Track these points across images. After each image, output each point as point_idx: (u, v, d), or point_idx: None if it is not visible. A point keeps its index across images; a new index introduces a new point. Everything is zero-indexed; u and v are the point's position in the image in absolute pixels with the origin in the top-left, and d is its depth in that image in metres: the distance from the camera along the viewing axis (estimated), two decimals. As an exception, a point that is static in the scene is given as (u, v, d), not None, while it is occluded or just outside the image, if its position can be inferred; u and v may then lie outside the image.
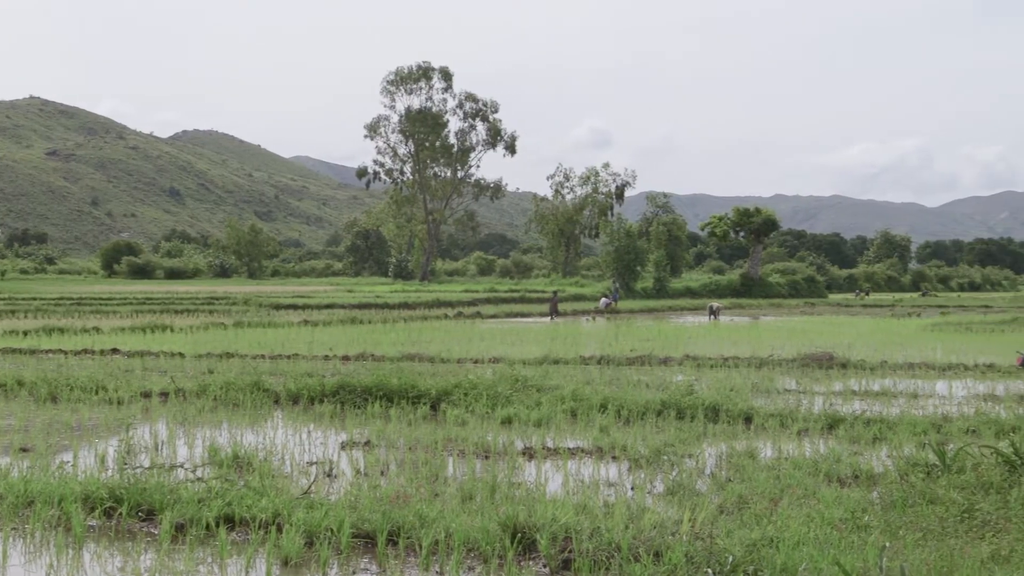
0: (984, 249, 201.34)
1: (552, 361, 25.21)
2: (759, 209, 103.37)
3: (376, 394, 17.88)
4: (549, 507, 9.29)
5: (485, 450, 13.61)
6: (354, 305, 59.08)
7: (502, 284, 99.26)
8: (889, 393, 19.60)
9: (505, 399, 17.40)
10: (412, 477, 11.59)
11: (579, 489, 11.19)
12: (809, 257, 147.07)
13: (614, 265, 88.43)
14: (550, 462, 13.05)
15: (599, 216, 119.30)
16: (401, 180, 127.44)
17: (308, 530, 9.00)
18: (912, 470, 11.40)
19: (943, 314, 58.07)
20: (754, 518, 9.26)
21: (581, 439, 14.61)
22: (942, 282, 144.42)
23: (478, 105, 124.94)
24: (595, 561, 8.11)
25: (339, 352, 27.33)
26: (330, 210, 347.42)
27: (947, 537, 8.61)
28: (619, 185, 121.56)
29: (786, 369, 24.06)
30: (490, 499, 10.36)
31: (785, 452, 13.36)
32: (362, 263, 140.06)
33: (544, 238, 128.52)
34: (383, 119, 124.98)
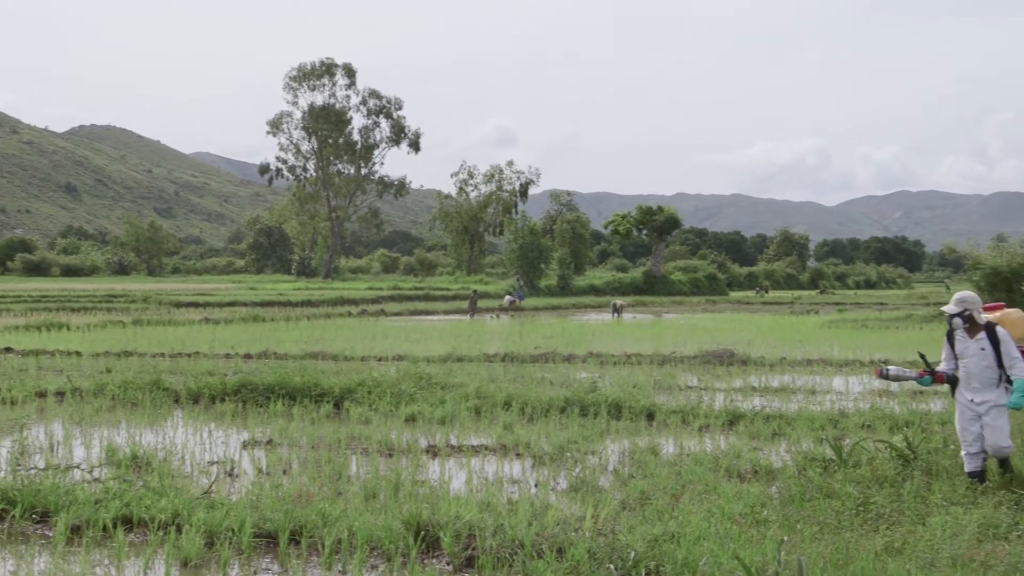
0: (879, 247, 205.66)
1: (456, 359, 25.20)
2: (662, 207, 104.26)
3: (279, 392, 17.72)
4: (453, 505, 9.28)
5: (389, 448, 13.56)
6: (256, 303, 58.49)
7: (406, 282, 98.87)
8: (788, 389, 19.90)
9: (409, 397, 17.36)
10: (315, 476, 11.50)
11: (483, 486, 11.19)
12: (711, 255, 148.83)
13: (518, 263, 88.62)
14: (454, 460, 13.05)
15: (503, 214, 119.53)
16: (304, 177, 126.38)
17: (208, 530, 8.87)
18: (810, 465, 11.59)
19: (840, 311, 59.08)
20: (656, 514, 9.33)
21: (485, 436, 14.62)
22: (839, 280, 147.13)
23: (382, 102, 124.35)
24: (499, 558, 8.12)
25: (241, 350, 27.03)
26: (232, 207, 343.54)
27: (843, 530, 8.76)
28: (523, 183, 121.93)
29: (688, 366, 24.30)
30: (394, 497, 10.32)
31: (687, 448, 13.50)
32: (265, 260, 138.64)
33: (448, 236, 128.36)
34: (286, 115, 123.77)
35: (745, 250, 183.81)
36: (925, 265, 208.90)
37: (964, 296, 10.94)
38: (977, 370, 10.70)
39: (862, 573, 7.45)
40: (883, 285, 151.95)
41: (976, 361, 10.71)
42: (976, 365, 10.71)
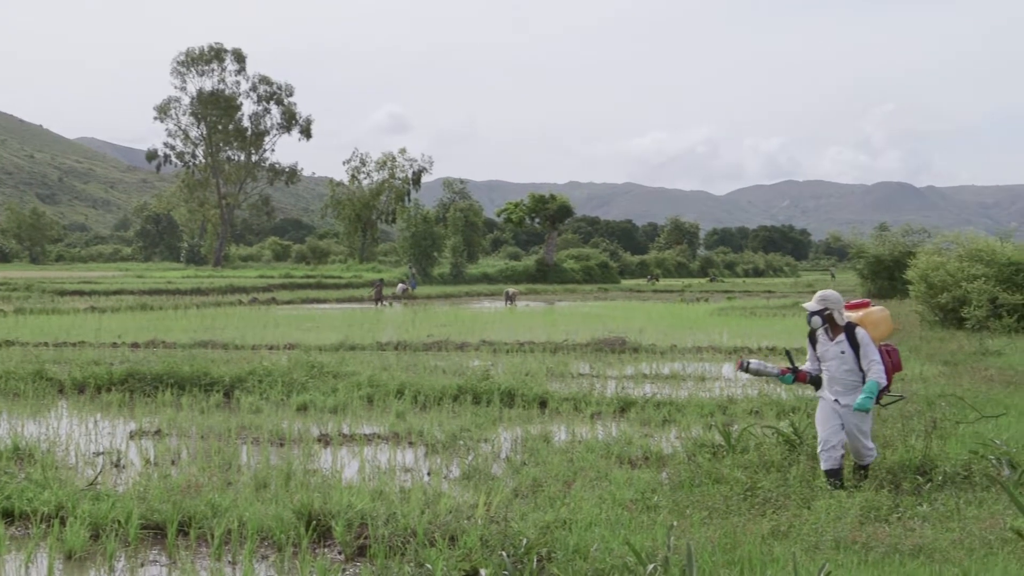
0: (767, 236, 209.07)
1: (349, 347, 25.06)
2: (554, 196, 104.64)
3: (167, 382, 17.47)
4: (345, 494, 9.24)
5: (280, 437, 13.45)
6: (144, 291, 57.44)
7: (298, 270, 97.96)
8: (678, 376, 20.15)
9: (301, 386, 17.24)
10: (205, 466, 11.35)
11: (375, 475, 11.15)
12: (603, 243, 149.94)
13: (411, 251, 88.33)
14: (346, 448, 12.99)
15: (396, 202, 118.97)
16: (193, 164, 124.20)
17: (94, 522, 8.71)
18: (699, 451, 11.76)
19: (729, 299, 59.97)
20: (548, 501, 9.39)
21: (378, 425, 14.58)
22: (728, 268, 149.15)
23: (272, 88, 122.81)
24: (391, 547, 8.10)
25: (128, 339, 26.55)
26: (118, 193, 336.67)
27: (731, 515, 8.91)
28: (416, 171, 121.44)
29: (580, 353, 24.47)
30: (285, 487, 10.23)
31: (579, 435, 13.60)
32: (153, 248, 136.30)
33: (340, 224, 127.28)
34: (174, 101, 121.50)
35: (637, 238, 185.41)
36: (811, 253, 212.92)
37: (826, 295, 10.39)
38: (839, 374, 10.23)
39: (749, 556, 7.57)
40: (771, 273, 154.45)
41: (837, 364, 10.25)
42: (837, 369, 10.25)
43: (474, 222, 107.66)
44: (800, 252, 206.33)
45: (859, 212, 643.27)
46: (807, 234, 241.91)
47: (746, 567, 7.40)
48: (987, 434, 12.14)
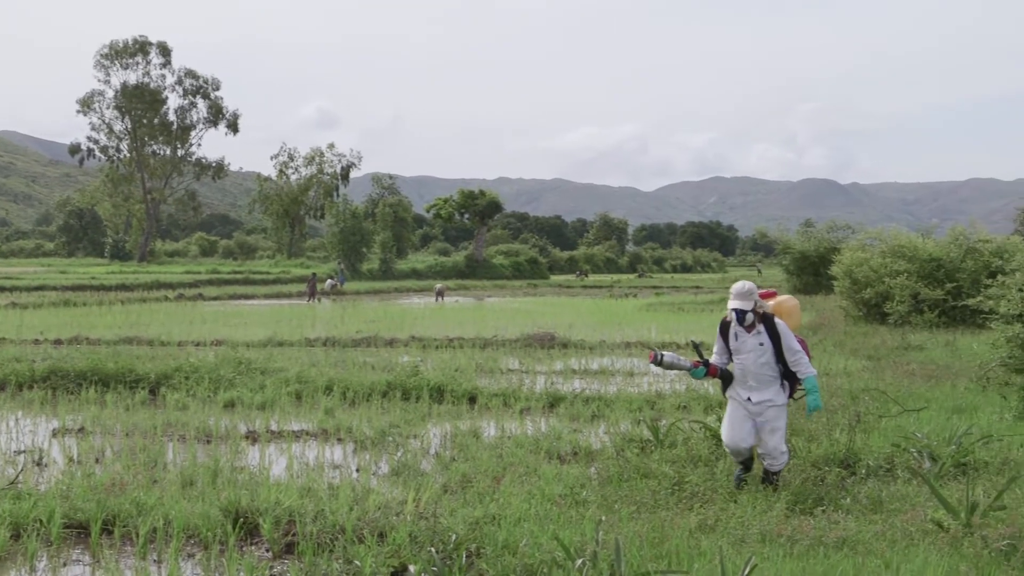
0: (695, 232, 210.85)
1: (277, 343, 24.89)
2: (484, 191, 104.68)
3: (91, 379, 17.24)
4: (273, 491, 9.19)
5: (207, 434, 13.32)
6: (68, 287, 56.66)
7: (225, 265, 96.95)
8: (607, 372, 20.24)
9: (228, 382, 17.09)
10: (129, 464, 11.21)
11: (304, 472, 11.08)
12: (532, 239, 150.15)
13: (340, 246, 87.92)
14: (274, 445, 12.90)
15: (325, 197, 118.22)
16: (117, 158, 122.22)
17: (15, 522, 8.56)
18: (628, 446, 11.83)
19: (658, 295, 60.37)
20: (477, 496, 9.39)
21: (306, 421, 14.49)
22: (657, 264, 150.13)
23: (199, 82, 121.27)
24: (319, 544, 8.06)
25: (51, 336, 26.17)
26: (40, 188, 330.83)
27: (659, 509, 8.97)
28: (345, 166, 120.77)
29: (510, 349, 24.50)
30: (212, 484, 10.13)
31: (508, 431, 13.62)
32: (76, 243, 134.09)
33: (268, 219, 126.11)
34: (97, 94, 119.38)
35: (566, 234, 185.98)
36: (738, 249, 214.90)
37: (750, 287, 9.80)
38: (755, 367, 9.75)
39: (677, 550, 7.64)
40: (699, 269, 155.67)
41: (754, 357, 9.75)
42: (754, 362, 9.75)
43: (403, 218, 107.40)
44: (727, 248, 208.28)
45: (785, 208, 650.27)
46: (734, 230, 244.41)
47: (674, 561, 7.46)
48: (909, 428, 12.36)
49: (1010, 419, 13.47)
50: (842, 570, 7.17)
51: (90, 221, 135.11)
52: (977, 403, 14.78)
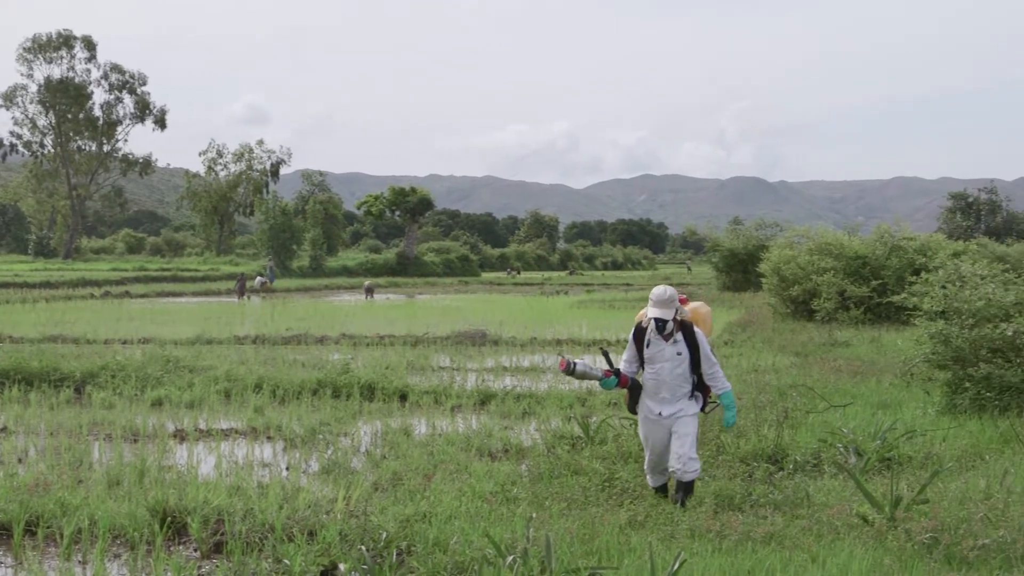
0: (625, 229, 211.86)
1: (206, 341, 24.67)
2: (414, 188, 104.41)
3: (14, 378, 16.97)
4: (201, 490, 9.10)
5: (134, 433, 13.17)
6: (-10, 284, 55.64)
7: (153, 263, 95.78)
8: (538, 369, 20.29)
9: (156, 381, 16.92)
10: (54, 464, 11.04)
11: (233, 470, 10.99)
12: (463, 236, 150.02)
13: (270, 243, 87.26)
14: (203, 444, 12.78)
15: (254, 194, 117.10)
16: (41, 153, 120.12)
17: (-65, 524, 8.41)
18: (559, 443, 11.88)
19: (588, 292, 60.60)
20: (408, 494, 9.37)
21: (235, 420, 14.38)
22: (588, 261, 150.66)
23: (125, 77, 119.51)
24: (248, 543, 7.99)
25: (-27, 334, 25.69)
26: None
27: (589, 505, 9.01)
28: (275, 162, 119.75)
29: (441, 347, 24.46)
30: (139, 484, 10.01)
31: (439, 428, 13.61)
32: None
33: (197, 216, 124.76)
34: (20, 88, 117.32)
35: (497, 232, 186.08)
36: (668, 247, 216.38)
37: (672, 294, 9.12)
38: (670, 378, 9.12)
39: (607, 546, 7.68)
40: (629, 266, 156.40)
41: (670, 368, 9.13)
42: (669, 373, 9.13)
43: (334, 215, 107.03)
44: (657, 245, 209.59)
45: (714, 206, 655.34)
46: (664, 228, 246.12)
47: (604, 557, 7.50)
48: (835, 423, 12.53)
49: (933, 414, 13.71)
50: (769, 565, 7.25)
51: (13, 217, 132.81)
52: (901, 399, 15.03)
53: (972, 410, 13.54)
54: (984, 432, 12.18)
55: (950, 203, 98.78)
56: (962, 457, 10.86)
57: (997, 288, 14.64)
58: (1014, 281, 15.09)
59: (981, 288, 14.67)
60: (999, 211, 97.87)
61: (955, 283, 15.22)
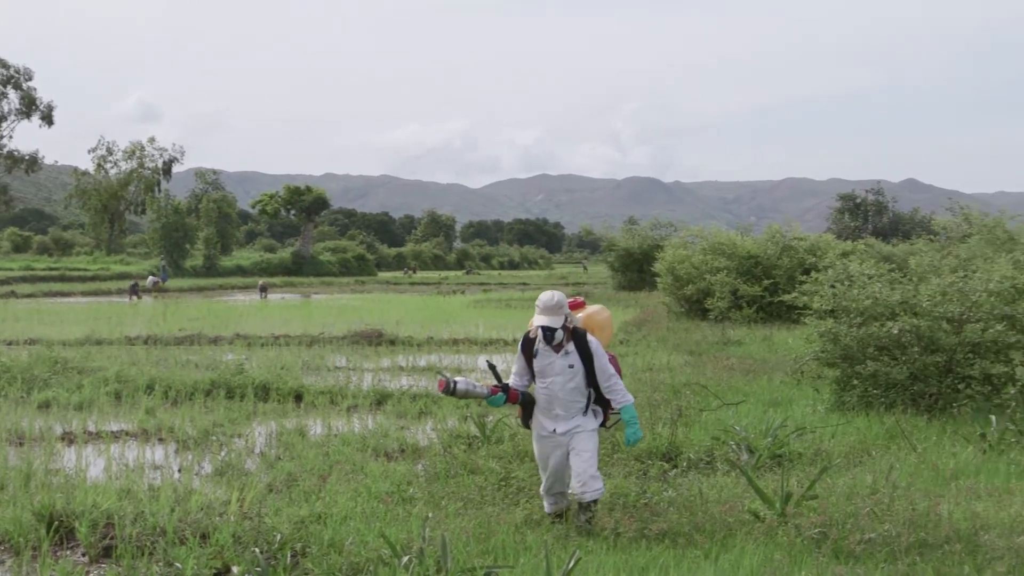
0: (522, 229, 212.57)
1: (95, 342, 24.19)
2: (310, 187, 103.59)
3: None
4: (90, 493, 8.93)
5: (20, 436, 12.86)
6: None
7: (40, 262, 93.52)
8: (435, 368, 20.24)
9: (43, 382, 16.56)
10: (-65, 469, 10.73)
11: (123, 473, 10.78)
12: (360, 236, 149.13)
13: (162, 243, 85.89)
14: (92, 446, 12.53)
15: (145, 192, 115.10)
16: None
17: None
18: (455, 442, 11.88)
19: (485, 291, 60.65)
20: (303, 495, 9.30)
21: (126, 422, 14.11)
22: (484, 260, 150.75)
23: (9, 72, 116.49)
24: (139, 546, 7.85)
25: None
26: None
27: (486, 505, 9.02)
28: (167, 160, 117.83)
29: (337, 346, 24.30)
30: (24, 488, 9.77)
31: (335, 428, 13.51)
32: None
33: (86, 214, 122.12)
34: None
35: (394, 231, 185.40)
36: (565, 246, 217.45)
37: (559, 300, 8.39)
38: (563, 393, 8.37)
39: (503, 545, 7.70)
40: (526, 266, 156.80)
41: (562, 382, 8.36)
42: (562, 387, 8.36)
43: (228, 213, 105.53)
44: (554, 245, 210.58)
45: (610, 206, 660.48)
46: (560, 227, 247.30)
47: (500, 555, 7.51)
48: (728, 421, 12.70)
49: (822, 411, 13.99)
50: (663, 562, 7.33)
51: None
52: (792, 396, 15.30)
53: (860, 407, 13.85)
54: (871, 429, 12.46)
55: (839, 204, 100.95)
56: (850, 453, 11.10)
57: (883, 287, 14.97)
58: (900, 280, 15.45)
59: (868, 287, 15.00)
60: (885, 212, 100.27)
61: (843, 282, 15.54)
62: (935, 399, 13.67)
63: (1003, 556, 7.31)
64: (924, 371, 13.79)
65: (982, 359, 13.85)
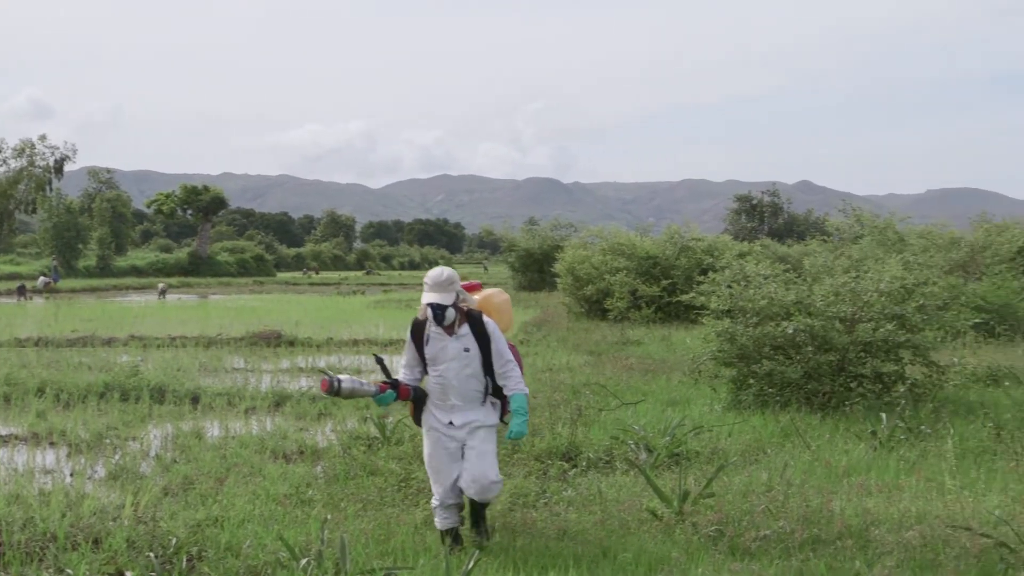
0: (423, 229, 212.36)
1: (-17, 344, 23.60)
2: (207, 187, 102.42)
3: None
4: (-23, 500, 8.70)
5: (-97, 442, 12.50)
6: None
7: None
8: (335, 369, 20.09)
9: (-73, 386, 16.10)
10: None
11: (12, 479, 10.52)
12: (258, 236, 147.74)
13: (53, 243, 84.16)
14: (-20, 452, 12.22)
15: (36, 191, 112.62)
16: None
17: None
18: (355, 443, 11.81)
19: (385, 292, 60.47)
20: (200, 498, 9.17)
21: (15, 425, 13.78)
22: (385, 261, 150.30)
23: None
24: (28, 553, 7.67)
25: None
26: None
27: (385, 506, 8.98)
28: (58, 159, 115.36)
29: (235, 348, 24.01)
30: (-92, 496, 9.49)
31: (233, 431, 13.35)
32: None
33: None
34: None
35: (293, 231, 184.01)
36: (465, 247, 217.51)
37: (450, 275, 7.61)
38: (457, 380, 7.67)
39: (403, 546, 7.68)
40: (426, 266, 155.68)
41: (457, 368, 7.67)
42: (456, 373, 7.67)
43: (122, 213, 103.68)
44: (454, 245, 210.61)
45: (510, 206, 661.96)
46: (461, 228, 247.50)
47: (399, 557, 7.49)
48: (627, 420, 12.80)
49: (719, 410, 14.16)
50: (563, 561, 7.36)
51: None
52: (690, 395, 15.47)
53: (755, 406, 14.05)
54: (766, 427, 12.65)
55: (736, 205, 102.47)
56: (746, 451, 11.26)
57: (779, 288, 15.21)
58: (794, 281, 15.71)
59: (764, 288, 15.23)
60: (781, 213, 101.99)
61: (740, 283, 15.75)
62: (828, 397, 13.93)
63: (892, 551, 7.48)
64: (818, 370, 14.04)
65: (873, 358, 14.16)
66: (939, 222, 35.72)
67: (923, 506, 8.66)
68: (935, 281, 16.36)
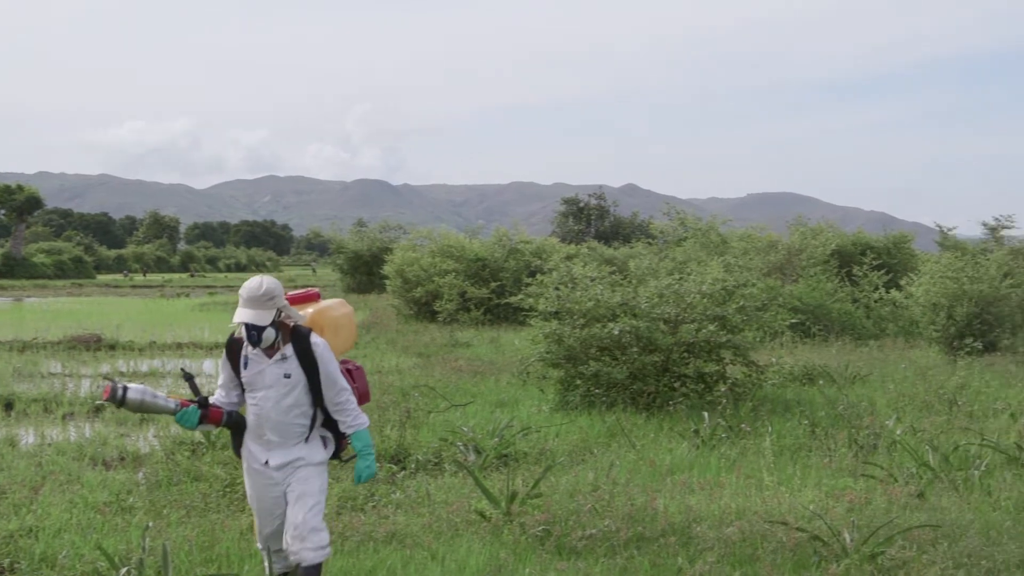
0: (249, 231, 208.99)
1: None
2: (21, 186, 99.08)
3: None
4: None
5: None
6: None
7: None
8: (158, 373, 19.66)
9: None
10: None
11: None
12: (77, 237, 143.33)
13: None
14: None
15: None
16: None
17: None
18: (178, 449, 11.56)
19: (211, 294, 59.33)
20: (13, 508, 8.85)
21: None
22: (210, 263, 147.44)
23: None
24: None
25: None
26: None
27: (210, 512, 8.81)
28: None
29: (52, 352, 23.24)
30: None
31: (49, 437, 12.93)
32: None
33: None
34: None
35: (114, 232, 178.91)
36: (293, 248, 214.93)
37: (270, 288, 6.17)
38: (276, 412, 6.24)
39: (227, 552, 7.55)
40: (253, 268, 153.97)
41: (276, 397, 6.23)
42: (275, 404, 6.24)
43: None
44: (282, 247, 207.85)
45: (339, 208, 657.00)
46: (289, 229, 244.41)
47: (224, 563, 7.37)
48: (456, 422, 12.85)
49: (547, 411, 14.33)
50: (391, 563, 7.34)
51: None
52: (518, 397, 15.61)
53: (583, 406, 14.26)
54: (593, 427, 12.85)
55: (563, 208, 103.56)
56: (573, 451, 11.41)
57: (605, 290, 15.46)
58: (620, 283, 15.99)
59: (591, 290, 15.46)
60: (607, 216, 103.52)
61: (567, 285, 15.96)
62: (653, 397, 14.21)
63: (713, 546, 7.68)
64: (643, 370, 14.31)
65: (696, 358, 14.53)
66: (758, 225, 36.76)
67: (743, 502, 8.92)
68: (754, 283, 16.89)
